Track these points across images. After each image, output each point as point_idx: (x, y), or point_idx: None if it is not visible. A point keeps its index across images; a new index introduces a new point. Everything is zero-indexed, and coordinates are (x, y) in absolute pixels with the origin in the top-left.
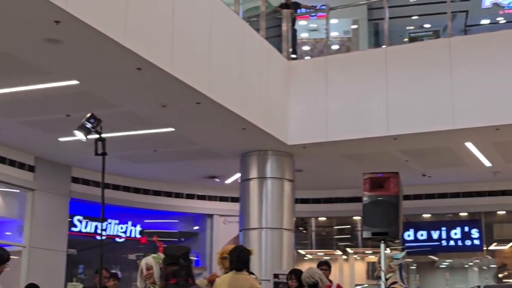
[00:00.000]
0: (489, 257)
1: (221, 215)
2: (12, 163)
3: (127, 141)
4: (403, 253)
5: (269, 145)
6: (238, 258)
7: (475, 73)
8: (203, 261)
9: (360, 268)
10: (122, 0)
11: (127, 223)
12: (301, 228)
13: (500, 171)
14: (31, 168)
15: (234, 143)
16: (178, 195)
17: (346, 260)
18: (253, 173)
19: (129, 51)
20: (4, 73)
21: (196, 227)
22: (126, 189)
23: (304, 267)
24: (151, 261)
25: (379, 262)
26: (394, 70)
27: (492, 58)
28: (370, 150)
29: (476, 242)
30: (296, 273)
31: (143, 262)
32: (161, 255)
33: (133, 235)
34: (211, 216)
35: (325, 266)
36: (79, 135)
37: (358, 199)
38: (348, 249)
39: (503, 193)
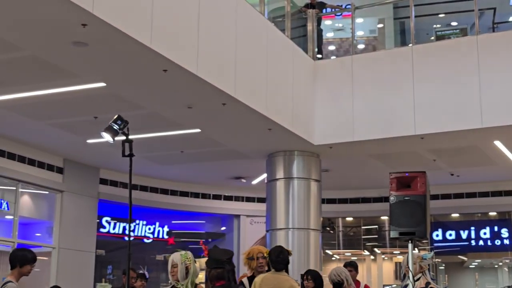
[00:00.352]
0: None
1: (248, 216)
2: (41, 165)
3: (154, 142)
4: (432, 253)
5: (295, 145)
6: (278, 258)
7: (503, 71)
8: None
9: (388, 268)
10: (148, 2)
11: (154, 224)
12: (328, 228)
13: None
14: (60, 170)
15: (260, 144)
16: (205, 196)
17: (374, 260)
18: (280, 174)
19: (155, 52)
20: (32, 76)
21: (223, 228)
22: (154, 190)
23: (331, 267)
24: (178, 258)
25: (407, 262)
26: (420, 69)
27: None
28: (396, 149)
29: (506, 241)
30: (312, 274)
31: (170, 259)
32: (189, 253)
33: (160, 236)
34: (238, 216)
35: (350, 267)
36: (107, 137)
37: (385, 199)
38: (376, 249)
39: None
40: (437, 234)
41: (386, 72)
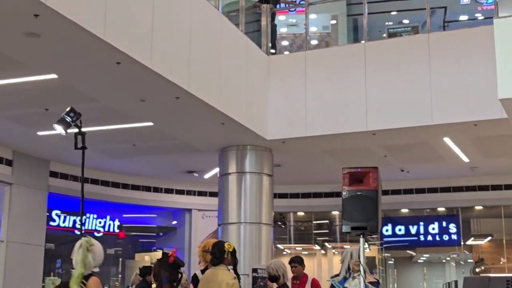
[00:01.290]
0: (467, 252)
1: (199, 210)
2: None
3: (106, 135)
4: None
5: (248, 139)
6: (213, 252)
7: (453, 69)
8: (182, 256)
9: (338, 262)
10: None
11: (105, 217)
12: (279, 223)
13: (478, 167)
14: (9, 162)
15: (213, 138)
16: (156, 190)
17: (325, 254)
18: (232, 168)
19: (109, 45)
20: None
21: (174, 222)
22: (105, 183)
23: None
24: (79, 244)
25: (358, 256)
26: (373, 66)
27: (470, 54)
28: (349, 145)
29: (454, 237)
30: (297, 261)
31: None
32: (92, 240)
33: (111, 230)
34: (189, 210)
35: (294, 263)
36: (59, 129)
37: (336, 194)
38: (327, 244)
39: (481, 188)
40: (387, 229)
41: (339, 68)
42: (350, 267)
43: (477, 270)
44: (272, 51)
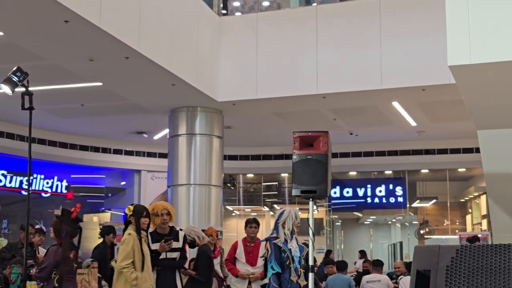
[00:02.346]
0: (412, 214)
1: (149, 171)
2: None
3: (54, 95)
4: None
5: (199, 101)
6: None
7: (403, 35)
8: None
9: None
10: None
11: (53, 178)
12: (229, 185)
13: (425, 131)
14: None
15: (163, 99)
16: (105, 150)
17: (273, 216)
18: (182, 129)
19: (57, 2)
20: None
21: (123, 183)
22: (52, 143)
23: (231, 223)
24: None
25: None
26: (324, 29)
27: (421, 20)
28: (299, 108)
29: (400, 199)
30: (257, 222)
31: None
32: None
33: (59, 190)
34: (138, 171)
35: (255, 224)
36: (5, 89)
37: (286, 156)
38: (275, 206)
39: (427, 152)
40: (335, 192)
41: (290, 31)
42: (293, 228)
43: (422, 232)
44: (224, 12)
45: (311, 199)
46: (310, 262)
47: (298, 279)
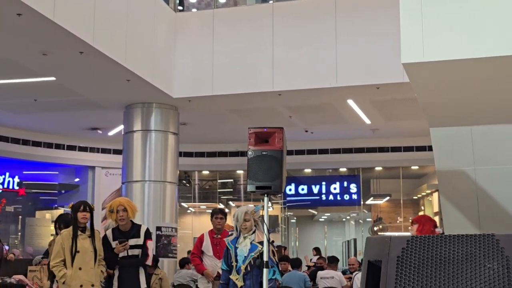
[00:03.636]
0: (366, 211)
1: (103, 167)
2: None
3: (6, 89)
4: (261, 204)
5: (154, 97)
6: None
7: (358, 32)
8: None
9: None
10: None
11: (4, 174)
12: (184, 182)
13: (379, 129)
14: None
15: (118, 95)
16: (58, 146)
17: (229, 213)
18: (137, 126)
19: None
20: None
21: (77, 179)
22: (4, 139)
23: (187, 220)
24: None
25: (243, 214)
26: (280, 26)
27: (376, 18)
28: (255, 105)
29: (354, 196)
30: (65, 221)
31: None
32: None
33: (11, 187)
34: (92, 168)
35: (222, 214)
36: None
37: (241, 153)
38: (231, 203)
39: (381, 149)
40: (290, 189)
41: (246, 27)
42: (238, 228)
43: (376, 228)
44: (180, 8)
45: (266, 195)
46: (265, 258)
47: (236, 280)
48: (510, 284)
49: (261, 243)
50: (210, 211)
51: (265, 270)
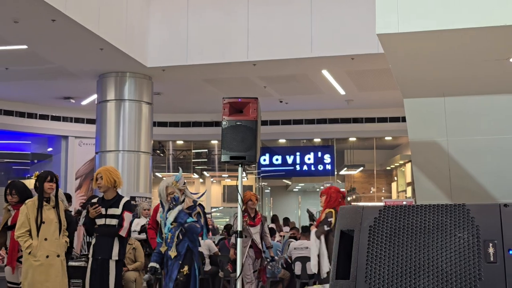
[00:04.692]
0: (340, 182)
1: (76, 137)
2: None
3: None
4: (181, 171)
5: (128, 66)
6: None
7: (333, 3)
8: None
9: (216, 191)
10: None
11: None
12: (158, 152)
13: (353, 100)
14: None
15: (91, 64)
16: (31, 116)
17: (203, 183)
18: (111, 95)
19: None
20: None
21: (50, 149)
22: None
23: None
24: None
25: (161, 195)
26: None
27: None
28: (229, 75)
29: (328, 167)
30: (17, 188)
31: None
32: None
33: None
34: (66, 137)
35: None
36: None
37: (216, 124)
38: (205, 173)
39: (355, 120)
40: (264, 159)
41: None
42: (164, 203)
43: (349, 199)
44: None
45: (240, 165)
46: (239, 228)
47: (168, 250)
48: (480, 253)
49: (190, 208)
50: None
51: (238, 240)
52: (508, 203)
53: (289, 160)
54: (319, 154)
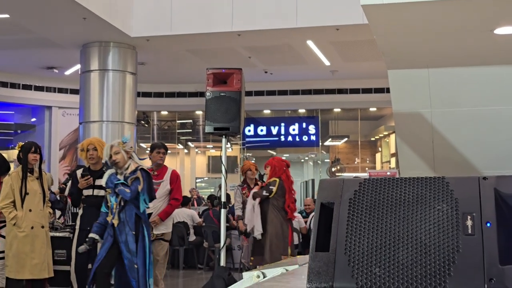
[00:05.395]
0: (324, 152)
1: (60, 107)
2: None
3: None
4: (129, 135)
5: (111, 36)
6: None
7: None
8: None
9: (201, 161)
10: None
11: None
12: (143, 122)
13: (338, 70)
14: None
15: (74, 33)
16: (14, 86)
17: (188, 154)
18: (94, 65)
19: None
20: None
21: (33, 119)
22: None
23: (145, 161)
24: None
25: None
26: None
27: None
28: (214, 45)
29: (313, 138)
30: (166, 148)
31: None
32: None
33: None
34: (49, 108)
35: (163, 149)
36: None
37: (200, 94)
38: (190, 143)
39: (340, 91)
40: (249, 130)
41: None
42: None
43: (333, 169)
44: None
45: (224, 136)
46: (223, 199)
47: (112, 219)
48: (458, 225)
49: (132, 173)
50: (169, 152)
51: (223, 211)
52: (487, 176)
53: (274, 131)
54: (304, 125)
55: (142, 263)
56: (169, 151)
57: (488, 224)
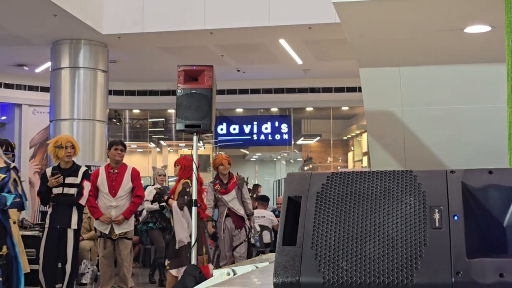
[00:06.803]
0: (297, 151)
1: (30, 105)
2: None
3: None
4: None
5: (83, 33)
6: None
7: None
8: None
9: (173, 160)
10: None
11: None
12: (114, 120)
13: (310, 69)
14: None
15: (44, 30)
16: None
17: (160, 152)
18: (65, 62)
19: None
20: None
21: (3, 117)
22: None
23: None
24: None
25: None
26: None
27: None
28: (186, 43)
29: (285, 136)
30: (124, 145)
31: None
32: None
33: None
34: (19, 105)
35: (121, 146)
36: None
37: (172, 92)
38: (162, 142)
39: (312, 90)
40: (222, 128)
41: None
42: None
43: (306, 168)
44: None
45: (195, 134)
46: (194, 197)
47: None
48: (426, 219)
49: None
50: (141, 150)
51: (194, 208)
52: (454, 169)
53: (246, 129)
54: (276, 123)
55: None
56: (140, 150)
57: (456, 218)
